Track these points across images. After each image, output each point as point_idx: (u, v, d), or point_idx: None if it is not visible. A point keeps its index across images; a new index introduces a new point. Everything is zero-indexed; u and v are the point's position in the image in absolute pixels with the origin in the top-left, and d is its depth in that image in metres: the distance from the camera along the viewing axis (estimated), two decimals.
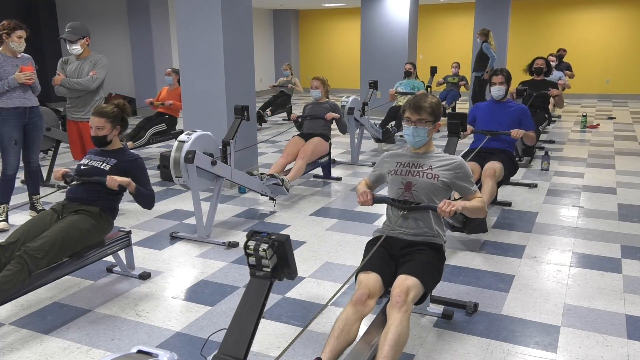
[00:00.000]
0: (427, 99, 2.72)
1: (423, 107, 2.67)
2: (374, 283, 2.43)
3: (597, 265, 3.67)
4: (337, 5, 15.74)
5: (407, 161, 2.75)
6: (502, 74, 4.73)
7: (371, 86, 8.10)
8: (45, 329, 2.90)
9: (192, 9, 5.42)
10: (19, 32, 4.27)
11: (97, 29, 11.84)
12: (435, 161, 2.72)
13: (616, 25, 13.79)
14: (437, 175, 2.66)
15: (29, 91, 4.41)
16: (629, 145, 7.88)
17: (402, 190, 2.69)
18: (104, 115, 3.31)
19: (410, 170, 2.71)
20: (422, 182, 2.66)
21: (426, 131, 2.69)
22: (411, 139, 2.72)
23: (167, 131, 7.22)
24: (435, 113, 2.69)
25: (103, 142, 3.36)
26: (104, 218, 3.27)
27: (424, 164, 2.71)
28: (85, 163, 3.37)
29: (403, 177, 2.71)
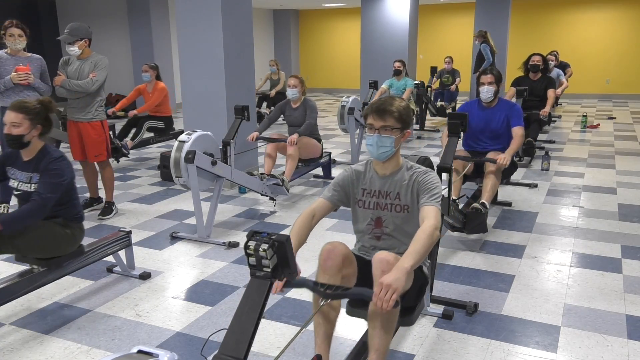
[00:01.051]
0: (394, 102, 2.32)
1: (389, 111, 2.28)
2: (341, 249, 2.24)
3: (598, 265, 3.67)
4: (337, 5, 15.74)
5: (375, 189, 2.40)
6: (491, 73, 4.36)
7: (371, 86, 8.10)
8: (45, 329, 2.90)
9: (192, 9, 5.42)
10: (11, 30, 4.30)
11: (97, 29, 11.82)
12: (403, 186, 2.35)
13: (616, 25, 13.79)
14: (406, 206, 2.35)
15: (27, 90, 4.41)
16: (629, 145, 7.88)
17: (372, 226, 2.41)
18: (23, 111, 2.84)
19: (378, 203, 2.38)
20: (392, 217, 2.37)
21: (392, 140, 2.29)
22: (374, 149, 2.32)
23: (166, 130, 7.11)
24: (403, 119, 2.30)
25: (18, 142, 2.85)
26: (72, 226, 3.07)
27: (392, 192, 2.36)
28: (15, 187, 2.98)
29: (372, 211, 2.40)
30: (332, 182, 2.47)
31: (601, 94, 14.19)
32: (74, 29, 4.42)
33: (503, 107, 4.43)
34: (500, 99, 4.49)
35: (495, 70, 4.42)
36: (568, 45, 13.88)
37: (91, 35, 4.53)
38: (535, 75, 6.72)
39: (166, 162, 5.71)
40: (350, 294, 2.03)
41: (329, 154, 6.00)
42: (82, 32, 4.45)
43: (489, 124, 4.44)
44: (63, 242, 3.02)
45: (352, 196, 2.45)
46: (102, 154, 4.65)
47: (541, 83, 6.72)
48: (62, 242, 3.02)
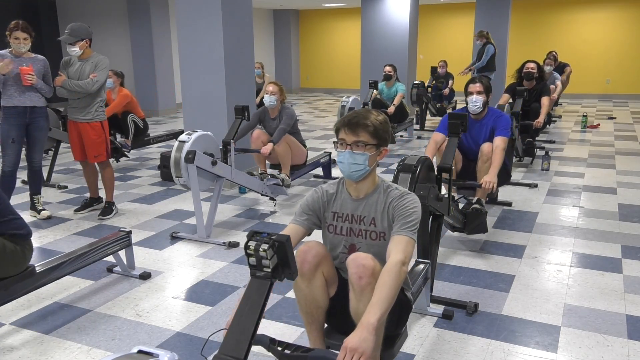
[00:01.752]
0: (370, 115, 2.10)
1: (362, 125, 2.06)
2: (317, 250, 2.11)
3: (598, 265, 3.67)
4: (337, 5, 15.74)
5: (347, 213, 2.20)
6: (480, 82, 4.03)
7: (371, 86, 8.10)
8: (45, 329, 2.90)
9: (192, 9, 5.42)
10: (15, 33, 4.30)
11: (97, 29, 11.82)
12: (379, 209, 2.15)
13: (617, 25, 13.79)
14: (382, 233, 2.14)
15: (29, 91, 4.41)
16: (629, 145, 7.88)
17: (345, 255, 2.19)
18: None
19: (351, 228, 2.19)
20: (367, 244, 2.17)
21: (366, 158, 2.08)
22: (346, 168, 2.10)
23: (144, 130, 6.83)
24: (379, 134, 2.09)
25: None
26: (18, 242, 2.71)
27: (366, 217, 2.16)
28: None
29: (344, 237, 2.21)
30: (301, 205, 2.27)
31: (601, 94, 14.19)
32: (75, 29, 4.42)
33: (490, 119, 4.12)
34: (489, 109, 4.17)
35: (485, 80, 4.11)
36: (568, 45, 13.88)
37: (92, 35, 4.53)
38: (530, 83, 6.31)
39: (166, 162, 5.71)
40: (310, 357, 1.87)
41: (329, 154, 6.00)
42: (83, 33, 4.45)
43: (477, 140, 4.16)
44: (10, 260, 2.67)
45: (323, 220, 2.26)
46: (101, 155, 4.65)
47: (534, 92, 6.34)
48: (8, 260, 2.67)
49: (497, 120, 4.08)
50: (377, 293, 1.85)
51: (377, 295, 1.85)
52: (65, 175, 6.41)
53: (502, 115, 4.13)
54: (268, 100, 5.06)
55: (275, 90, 5.05)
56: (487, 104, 4.10)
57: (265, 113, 5.25)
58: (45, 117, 4.61)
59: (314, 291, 2.13)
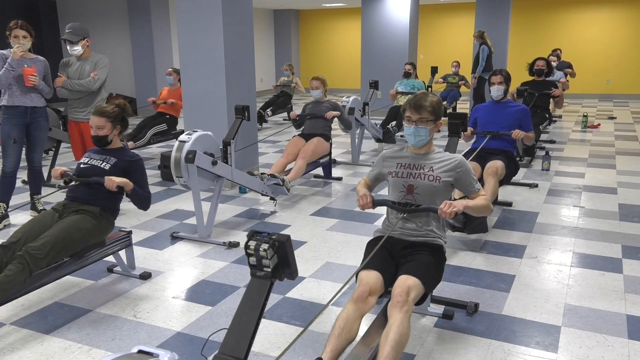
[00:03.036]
0: (428, 97, 2.68)
1: (424, 106, 2.64)
2: (375, 281, 2.43)
3: (598, 265, 3.67)
4: (337, 5, 15.74)
5: (408, 162, 2.72)
6: (501, 74, 4.73)
7: (372, 86, 8.10)
8: (46, 329, 2.90)
9: (192, 9, 5.42)
10: (15, 31, 4.30)
11: (97, 29, 11.84)
12: (436, 162, 2.68)
13: (617, 25, 13.78)
14: (438, 177, 2.64)
15: (31, 92, 4.42)
16: (629, 145, 7.87)
17: (404, 193, 2.67)
18: (105, 115, 3.29)
19: (411, 173, 2.68)
20: (423, 185, 2.64)
21: (427, 130, 2.66)
22: (412, 138, 2.68)
23: (168, 131, 7.22)
24: (436, 112, 2.66)
25: (103, 141, 3.34)
26: (105, 218, 3.26)
27: (425, 166, 2.68)
28: (85, 162, 3.35)
29: (404, 179, 2.68)
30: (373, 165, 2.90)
31: (602, 93, 14.18)
32: (76, 28, 4.42)
33: (513, 106, 4.76)
34: (508, 100, 4.84)
35: (505, 71, 4.78)
36: (568, 45, 13.87)
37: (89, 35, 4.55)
38: (540, 78, 7.30)
39: (166, 162, 5.71)
40: (421, 209, 2.59)
41: (329, 154, 5.99)
42: (84, 32, 4.46)
43: (503, 112, 4.72)
44: (97, 232, 3.19)
45: (387, 172, 2.77)
46: None
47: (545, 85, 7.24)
48: (95, 232, 3.18)
49: (523, 115, 4.69)
50: (473, 201, 2.63)
51: (475, 201, 2.64)
52: None
53: (524, 109, 4.76)
54: (315, 94, 5.92)
55: (318, 85, 5.95)
56: (507, 91, 4.78)
57: (311, 104, 6.01)
58: (45, 117, 4.61)
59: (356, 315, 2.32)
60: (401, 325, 2.20)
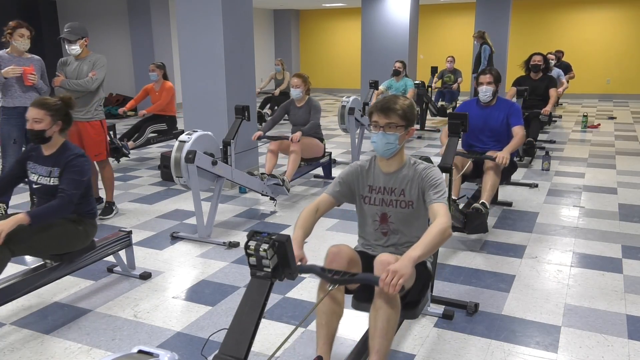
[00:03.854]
0: (398, 100, 2.37)
1: (393, 109, 2.33)
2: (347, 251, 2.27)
3: (598, 265, 3.67)
4: (337, 5, 15.74)
5: (380, 186, 2.43)
6: (490, 73, 4.35)
7: (372, 86, 8.10)
8: (46, 329, 2.90)
9: (192, 9, 5.42)
10: (20, 30, 4.31)
11: (97, 29, 11.84)
12: (408, 182, 2.39)
13: (617, 25, 13.79)
14: (411, 201, 2.38)
15: (30, 91, 4.42)
16: (629, 145, 7.87)
17: (377, 222, 2.45)
18: (44, 107, 2.97)
19: (384, 199, 2.42)
20: (397, 213, 2.40)
21: (397, 137, 2.34)
22: (380, 146, 2.36)
23: (169, 131, 7.17)
24: (407, 116, 2.35)
25: (40, 137, 2.97)
26: (85, 222, 3.12)
27: (396, 189, 2.40)
28: (35, 180, 3.05)
29: (378, 207, 2.43)
30: (337, 177, 2.50)
31: (602, 93, 14.18)
32: (75, 27, 4.42)
33: (502, 106, 4.41)
34: (499, 98, 4.46)
35: (494, 70, 4.40)
36: (569, 45, 13.87)
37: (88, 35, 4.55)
38: (537, 74, 6.75)
39: (167, 162, 5.71)
40: (357, 280, 2.10)
41: (329, 154, 6.00)
42: (83, 31, 4.46)
43: (488, 123, 4.41)
44: (76, 238, 3.08)
45: (357, 192, 2.48)
46: (101, 154, 4.65)
47: (542, 82, 6.75)
48: (74, 239, 3.08)
49: (511, 109, 4.37)
50: (423, 238, 2.11)
51: (423, 239, 2.11)
52: None
53: (513, 104, 4.43)
54: (294, 93, 5.39)
55: (299, 83, 5.36)
56: (496, 92, 4.39)
57: (290, 104, 5.53)
58: None
59: (337, 294, 2.24)
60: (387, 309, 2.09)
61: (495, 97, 4.42)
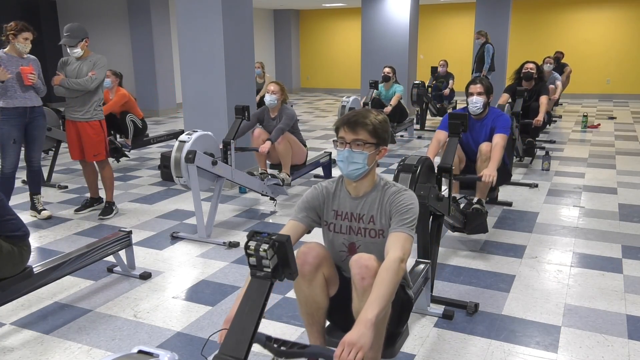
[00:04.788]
0: (369, 114, 2.11)
1: (362, 123, 2.07)
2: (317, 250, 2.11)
3: (598, 265, 3.67)
4: (337, 5, 15.74)
5: (347, 211, 2.19)
6: (481, 82, 4.03)
7: (371, 86, 8.10)
8: (45, 329, 2.90)
9: (192, 9, 5.42)
10: (25, 33, 4.32)
11: (97, 29, 11.84)
12: (377, 207, 2.15)
13: (617, 25, 13.79)
14: (381, 230, 2.15)
15: (29, 91, 4.42)
16: (629, 145, 7.87)
17: (345, 253, 2.22)
18: None
19: (351, 227, 2.19)
20: (367, 243, 2.18)
21: (365, 157, 2.08)
22: (345, 166, 2.11)
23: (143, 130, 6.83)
24: (378, 133, 2.09)
25: None
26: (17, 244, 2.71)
27: (365, 215, 2.16)
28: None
29: (345, 235, 2.21)
30: (301, 201, 2.25)
31: (602, 93, 14.18)
32: (74, 30, 4.42)
33: (490, 119, 4.12)
34: (490, 109, 4.17)
35: (485, 81, 4.11)
36: (568, 45, 13.87)
37: (88, 34, 4.55)
38: (529, 84, 6.40)
39: (167, 162, 5.71)
40: (307, 354, 1.85)
41: (329, 154, 5.99)
42: (82, 33, 4.46)
43: (477, 140, 4.14)
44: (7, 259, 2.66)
45: (322, 217, 2.25)
46: (101, 154, 4.65)
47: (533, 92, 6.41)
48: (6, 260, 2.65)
49: (497, 119, 4.09)
50: (375, 290, 1.85)
51: (374, 292, 1.84)
52: (66, 175, 6.41)
53: (501, 115, 4.15)
54: (269, 99, 5.01)
55: (276, 90, 5.00)
56: (487, 104, 4.10)
57: (264, 113, 5.20)
58: (43, 116, 4.62)
59: (315, 292, 2.13)
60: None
61: (487, 109, 4.12)
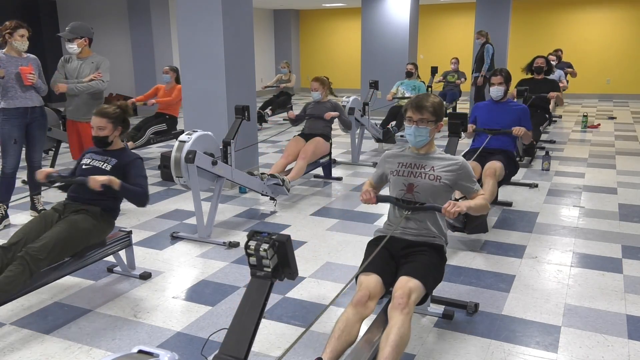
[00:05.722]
0: (429, 98, 2.69)
1: (425, 106, 2.65)
2: (375, 284, 2.43)
3: (598, 265, 3.67)
4: (337, 5, 15.74)
5: (409, 162, 2.73)
6: (501, 74, 4.73)
7: (372, 86, 8.09)
8: (46, 329, 2.90)
9: (192, 9, 5.42)
10: (21, 30, 4.30)
11: (97, 29, 11.77)
12: (437, 162, 2.70)
13: (617, 25, 13.78)
14: (439, 176, 2.65)
15: (30, 91, 4.42)
16: (629, 145, 7.87)
17: (404, 191, 2.68)
18: (106, 116, 3.28)
19: (412, 171, 2.69)
20: (424, 184, 2.65)
21: (428, 131, 2.67)
22: (413, 138, 2.69)
23: (168, 131, 7.21)
24: (437, 113, 2.67)
25: (104, 142, 3.33)
26: (105, 218, 3.26)
27: (426, 165, 2.69)
28: (87, 163, 3.32)
29: (405, 178, 2.69)
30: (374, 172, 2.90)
31: (602, 93, 14.18)
32: (75, 27, 4.43)
33: (513, 108, 4.77)
34: (508, 99, 4.87)
35: (505, 71, 4.77)
36: (568, 45, 13.86)
37: (92, 35, 4.54)
38: (539, 76, 7.07)
39: (167, 162, 5.71)
40: (426, 207, 2.59)
41: (329, 154, 6.00)
42: (83, 31, 4.45)
43: (498, 119, 4.72)
44: (92, 234, 3.17)
45: (388, 172, 2.77)
46: None
47: (545, 84, 7.02)
48: (90, 235, 3.16)
49: (523, 114, 4.73)
50: (474, 201, 2.63)
51: (473, 202, 2.63)
52: None
53: (524, 108, 4.82)
54: (315, 95, 5.88)
55: (317, 87, 5.89)
56: (507, 91, 4.80)
57: (307, 106, 5.97)
58: (44, 116, 4.61)
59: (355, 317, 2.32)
60: (402, 327, 2.21)
61: (506, 95, 4.81)
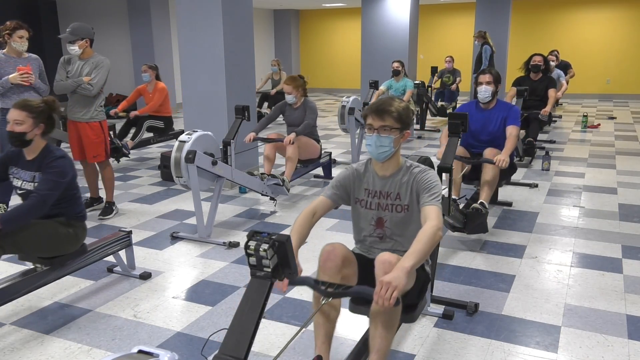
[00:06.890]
0: (394, 102, 2.33)
1: (387, 111, 2.29)
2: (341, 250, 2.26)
3: (598, 265, 3.67)
4: (337, 5, 15.74)
5: (376, 189, 2.41)
6: (490, 72, 4.30)
7: (372, 86, 8.10)
8: (46, 329, 2.90)
9: (192, 9, 5.42)
10: (20, 31, 4.30)
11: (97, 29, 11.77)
12: (403, 185, 2.36)
13: (617, 25, 13.79)
14: (406, 205, 2.35)
15: (28, 91, 4.41)
16: (629, 145, 7.87)
17: (373, 227, 2.43)
18: (26, 109, 2.88)
19: (379, 203, 2.40)
20: (393, 217, 2.38)
21: (391, 140, 2.30)
22: (374, 149, 2.32)
23: (165, 130, 7.13)
24: (402, 119, 2.31)
25: (20, 140, 2.88)
26: (75, 225, 3.08)
27: (392, 192, 2.37)
28: (19, 186, 3.00)
29: (374, 211, 2.42)
30: (333, 180, 2.49)
31: (602, 93, 14.19)
32: (76, 28, 4.42)
33: (501, 109, 4.34)
34: (498, 101, 4.39)
35: (494, 71, 4.35)
36: (568, 45, 13.87)
37: (93, 36, 4.53)
38: (537, 75, 6.74)
39: (167, 162, 5.71)
40: (351, 293, 2.03)
41: (329, 154, 6.00)
42: (84, 32, 4.45)
43: (487, 126, 4.34)
44: (65, 241, 3.04)
45: (353, 195, 2.47)
46: (100, 155, 4.65)
47: (542, 83, 6.73)
48: (64, 241, 3.03)
49: (509, 111, 4.31)
50: (414, 246, 2.07)
51: (413, 247, 2.06)
52: None
53: (512, 107, 4.38)
54: (289, 99, 5.32)
55: (289, 90, 5.30)
56: (496, 93, 4.32)
57: (285, 105, 5.46)
58: None
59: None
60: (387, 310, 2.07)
61: (495, 99, 4.36)
